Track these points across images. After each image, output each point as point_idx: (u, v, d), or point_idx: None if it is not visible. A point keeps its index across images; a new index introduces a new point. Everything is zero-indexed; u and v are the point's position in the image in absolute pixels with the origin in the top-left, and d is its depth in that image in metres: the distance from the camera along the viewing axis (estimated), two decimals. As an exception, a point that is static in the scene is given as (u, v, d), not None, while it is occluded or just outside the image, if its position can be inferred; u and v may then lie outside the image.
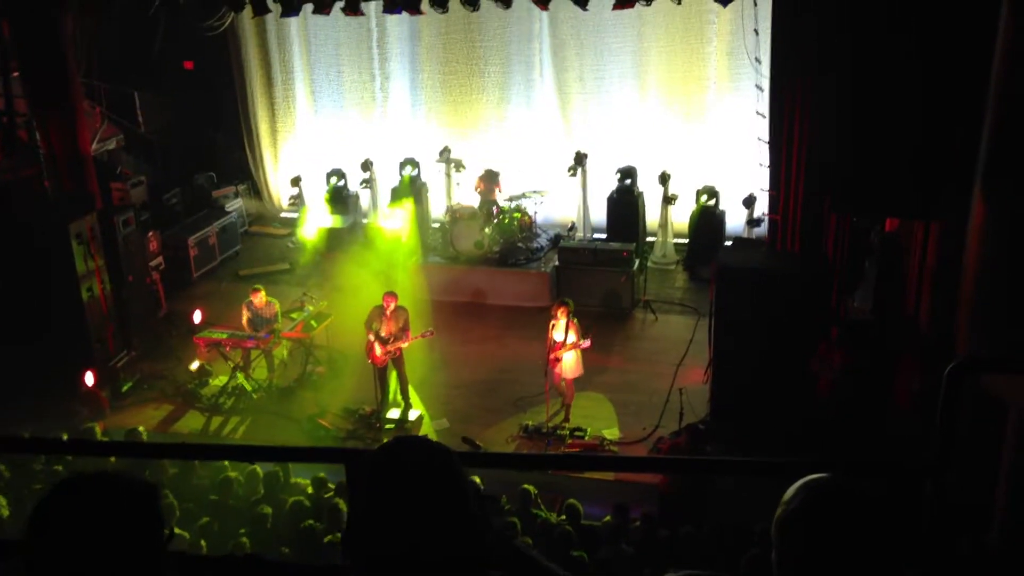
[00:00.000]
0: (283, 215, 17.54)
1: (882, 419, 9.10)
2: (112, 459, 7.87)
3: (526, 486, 8.47)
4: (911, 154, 7.76)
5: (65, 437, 8.43)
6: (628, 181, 14.85)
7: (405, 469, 1.81)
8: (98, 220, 11.77)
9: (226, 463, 8.94)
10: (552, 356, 10.42)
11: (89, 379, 11.27)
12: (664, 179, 14.64)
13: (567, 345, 10.38)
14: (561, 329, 10.43)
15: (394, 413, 11.07)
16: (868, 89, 7.91)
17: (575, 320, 10.53)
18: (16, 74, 12.89)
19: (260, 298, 11.85)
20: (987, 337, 7.06)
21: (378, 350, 10.76)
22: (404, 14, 14.65)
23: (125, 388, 11.85)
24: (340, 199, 15.93)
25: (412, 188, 15.61)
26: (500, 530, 1.92)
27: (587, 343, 10.49)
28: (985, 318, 7.22)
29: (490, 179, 14.92)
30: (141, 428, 10.17)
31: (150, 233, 13.50)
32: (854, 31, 7.94)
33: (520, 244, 14.52)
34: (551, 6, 12.42)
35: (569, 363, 10.53)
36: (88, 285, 11.52)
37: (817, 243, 9.92)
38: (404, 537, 1.74)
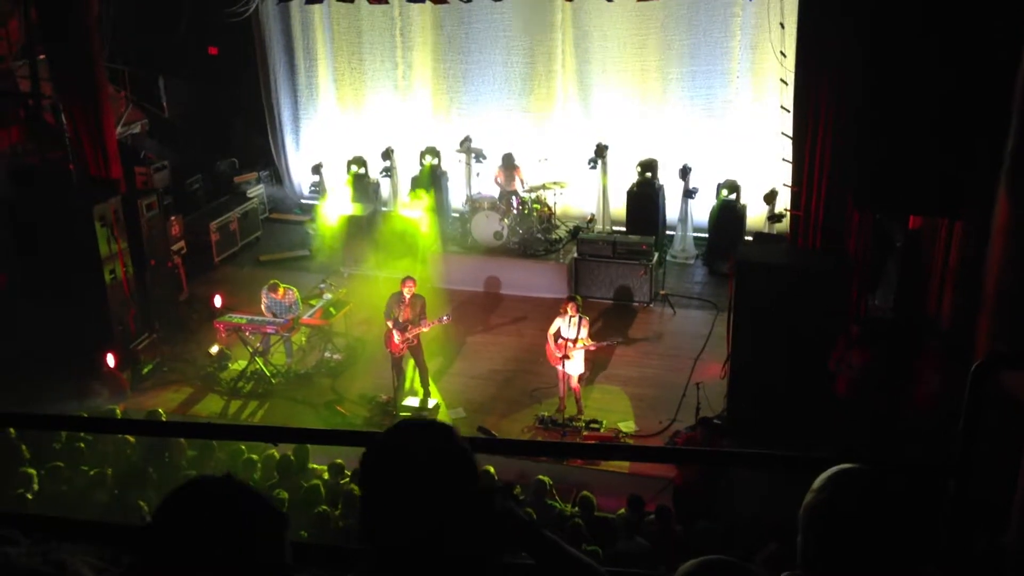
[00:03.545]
0: (304, 202, 17.58)
1: (901, 417, 9.04)
2: (132, 439, 7.96)
3: (541, 477, 8.49)
4: (935, 151, 7.67)
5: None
6: (649, 174, 14.78)
7: (405, 450, 1.80)
8: (122, 203, 11.86)
9: (243, 447, 9.01)
10: (562, 354, 10.41)
11: (110, 361, 11.39)
12: (685, 173, 14.57)
13: (580, 341, 10.38)
14: (572, 326, 10.38)
15: (412, 401, 11.11)
16: (893, 85, 7.84)
17: (587, 317, 10.65)
18: (42, 57, 12.99)
19: (278, 292, 11.94)
20: (1009, 336, 7.01)
21: (396, 337, 10.79)
22: (428, 3, 14.74)
23: (145, 370, 11.97)
24: (361, 187, 15.96)
25: (432, 177, 15.65)
26: (527, 517, 1.92)
27: (594, 345, 10.72)
28: (1008, 317, 7.16)
29: (509, 166, 14.89)
30: (160, 410, 10.28)
31: (172, 217, 13.61)
32: (880, 25, 7.86)
33: (539, 235, 14.51)
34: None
35: (577, 361, 10.53)
36: (111, 268, 11.62)
37: (839, 240, 9.85)
38: (410, 517, 1.73)
